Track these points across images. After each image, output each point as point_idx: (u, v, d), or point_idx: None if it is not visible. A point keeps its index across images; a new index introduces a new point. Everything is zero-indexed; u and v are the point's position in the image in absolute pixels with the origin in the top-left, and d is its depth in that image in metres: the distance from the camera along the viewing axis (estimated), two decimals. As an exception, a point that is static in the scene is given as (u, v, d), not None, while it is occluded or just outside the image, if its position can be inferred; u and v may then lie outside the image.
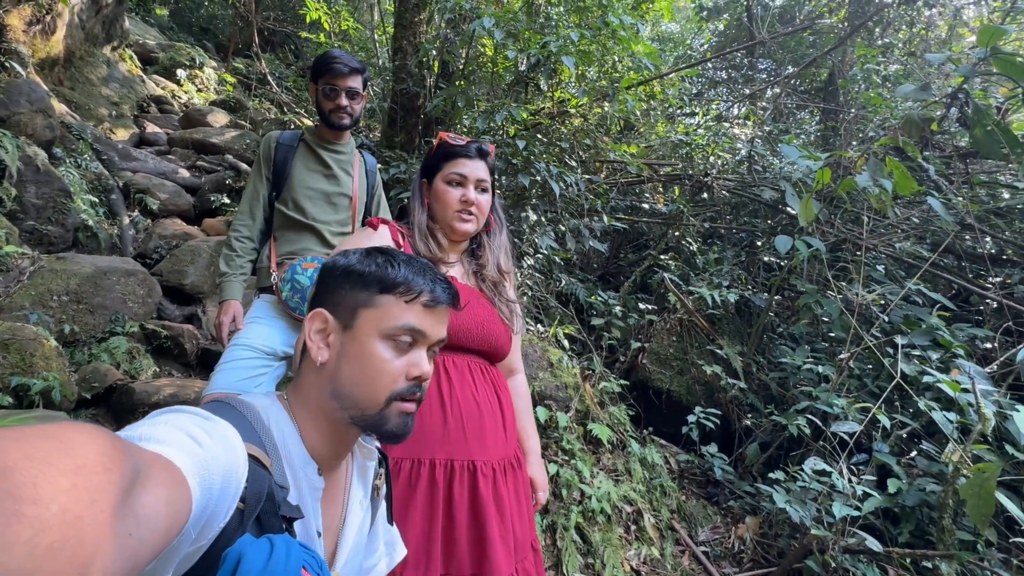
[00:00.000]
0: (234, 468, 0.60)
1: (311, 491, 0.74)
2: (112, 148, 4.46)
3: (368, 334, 0.76)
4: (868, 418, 2.27)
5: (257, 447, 0.67)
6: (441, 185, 1.31)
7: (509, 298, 1.36)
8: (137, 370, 2.64)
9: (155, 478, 0.48)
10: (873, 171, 2.78)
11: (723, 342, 3.42)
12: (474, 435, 1.17)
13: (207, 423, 0.60)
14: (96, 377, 2.42)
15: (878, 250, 3.37)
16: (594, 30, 3.66)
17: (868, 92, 4.25)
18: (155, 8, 9.83)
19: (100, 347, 2.63)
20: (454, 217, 1.29)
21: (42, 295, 2.60)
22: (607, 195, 4.33)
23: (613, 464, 2.76)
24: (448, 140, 1.34)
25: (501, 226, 1.43)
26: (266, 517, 0.64)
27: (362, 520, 0.86)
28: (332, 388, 0.76)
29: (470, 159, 1.31)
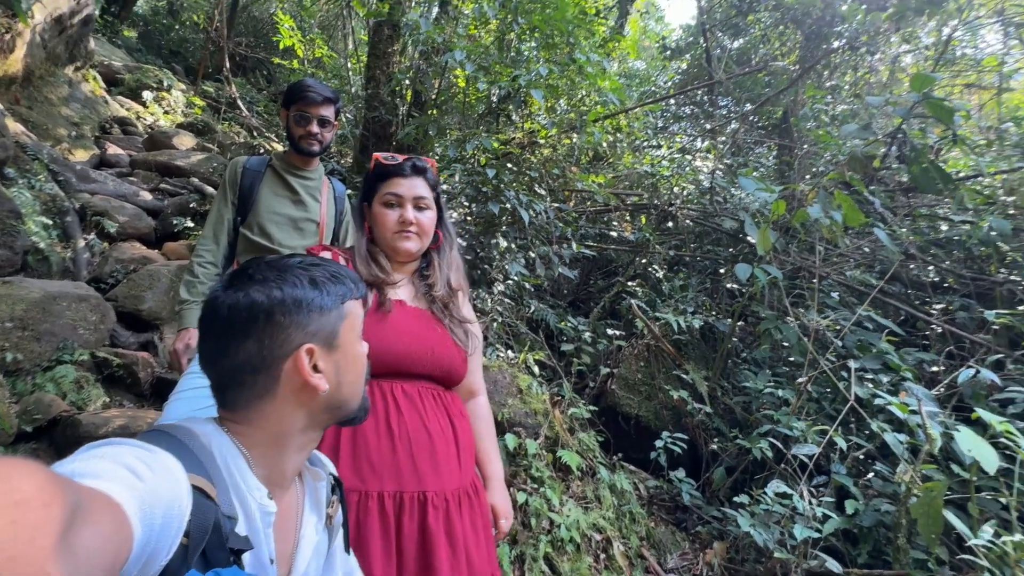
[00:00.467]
0: (176, 501, 0.58)
1: (262, 517, 0.72)
2: (70, 169, 4.32)
3: (352, 341, 0.82)
4: (826, 440, 2.35)
5: (201, 477, 0.64)
6: (378, 207, 1.27)
7: (462, 317, 1.32)
8: (85, 401, 2.51)
9: (94, 514, 0.47)
10: (823, 203, 2.95)
11: (689, 367, 3.49)
12: (425, 465, 1.13)
13: (146, 454, 0.58)
14: (39, 408, 2.28)
15: (831, 278, 3.54)
16: (562, 65, 3.81)
17: (818, 130, 4.53)
18: (123, 30, 9.71)
19: (45, 376, 2.49)
20: (393, 238, 1.26)
21: (-16, 321, 2.46)
22: (576, 223, 4.43)
23: (582, 491, 2.75)
24: (381, 160, 1.30)
25: (451, 242, 1.39)
26: (212, 551, 0.61)
27: (317, 546, 0.83)
28: (330, 403, 0.79)
29: (405, 177, 1.27)
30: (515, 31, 3.86)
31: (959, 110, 2.86)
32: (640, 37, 12.46)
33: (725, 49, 7.17)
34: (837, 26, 5.30)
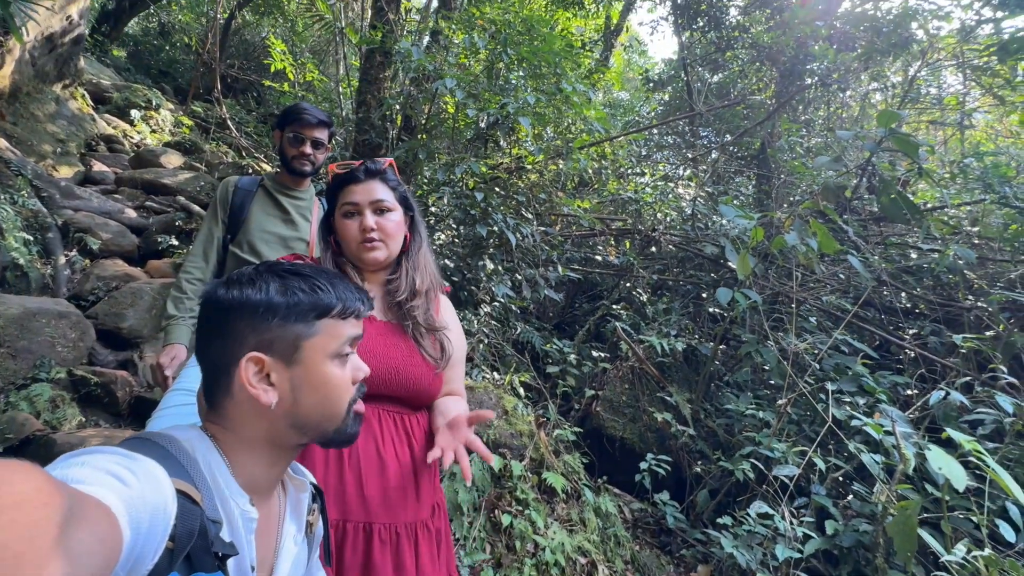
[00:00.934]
0: (162, 505, 0.58)
1: (245, 523, 0.72)
2: (53, 185, 4.29)
3: (319, 362, 0.76)
4: (805, 461, 2.39)
5: (185, 482, 0.64)
6: (339, 218, 1.19)
7: (430, 324, 1.19)
8: (60, 420, 2.45)
9: (89, 517, 0.47)
10: (800, 231, 3.06)
11: (673, 389, 3.54)
12: (374, 495, 1.05)
13: (129, 461, 0.58)
14: (12, 428, 2.22)
15: (808, 303, 3.65)
16: (549, 94, 3.94)
17: (793, 161, 4.72)
18: (112, 49, 9.75)
19: (19, 395, 2.43)
20: (358, 249, 1.17)
21: (-42, 338, 2.41)
22: (562, 247, 4.51)
23: (567, 514, 2.74)
24: (335, 169, 1.23)
25: (419, 243, 1.27)
26: (197, 555, 0.62)
27: (296, 556, 0.83)
28: (292, 422, 0.75)
29: (360, 183, 1.18)
30: (504, 61, 4.00)
31: (924, 145, 3.03)
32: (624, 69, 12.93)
33: (705, 82, 7.48)
34: (810, 64, 5.58)
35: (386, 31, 4.54)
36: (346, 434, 0.80)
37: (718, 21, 6.92)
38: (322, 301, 0.77)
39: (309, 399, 0.75)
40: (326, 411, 0.77)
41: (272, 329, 0.75)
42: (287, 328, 0.75)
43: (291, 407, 0.75)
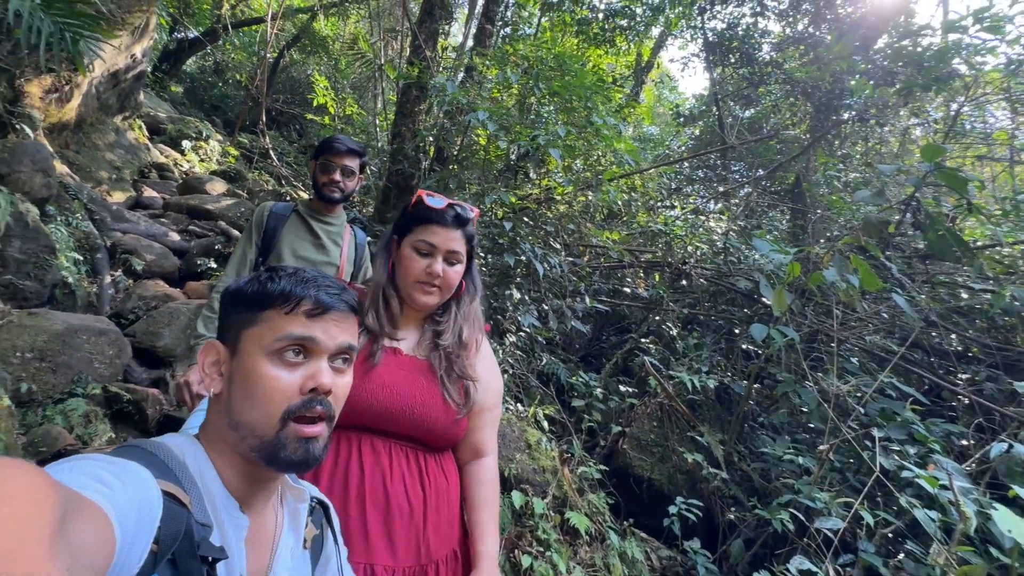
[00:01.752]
0: (147, 507, 0.56)
1: (234, 530, 0.68)
2: (105, 209, 4.53)
3: (251, 353, 0.71)
4: (851, 514, 2.21)
5: (173, 484, 0.62)
6: (407, 250, 1.15)
7: (464, 374, 1.16)
8: (91, 435, 2.49)
9: (84, 513, 0.46)
10: (839, 267, 2.94)
11: (704, 429, 3.38)
12: (377, 535, 1.00)
13: (113, 466, 0.57)
14: (46, 441, 2.27)
15: (850, 342, 3.47)
16: (580, 127, 3.99)
17: (831, 196, 4.60)
18: (171, 85, 10.47)
19: (55, 409, 2.50)
20: (414, 287, 1.14)
21: (5, 351, 2.51)
22: (590, 278, 4.46)
23: (591, 558, 2.60)
24: (424, 200, 1.16)
25: (474, 294, 1.24)
26: (182, 558, 0.59)
27: (294, 568, 0.78)
28: (228, 419, 0.71)
29: (445, 227, 1.14)
30: (536, 95, 4.08)
31: (973, 180, 2.90)
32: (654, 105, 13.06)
33: (737, 117, 7.46)
34: (847, 99, 5.50)
35: (423, 67, 4.72)
36: (282, 455, 0.69)
37: (750, 57, 6.95)
38: (266, 290, 0.73)
39: (237, 392, 0.71)
40: (254, 413, 0.69)
41: (227, 319, 0.75)
42: (235, 317, 0.74)
43: (227, 401, 0.71)
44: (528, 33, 7.92)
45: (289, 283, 0.73)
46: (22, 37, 2.74)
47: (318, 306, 0.73)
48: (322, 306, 0.73)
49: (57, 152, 4.54)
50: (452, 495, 1.13)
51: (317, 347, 0.72)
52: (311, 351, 0.72)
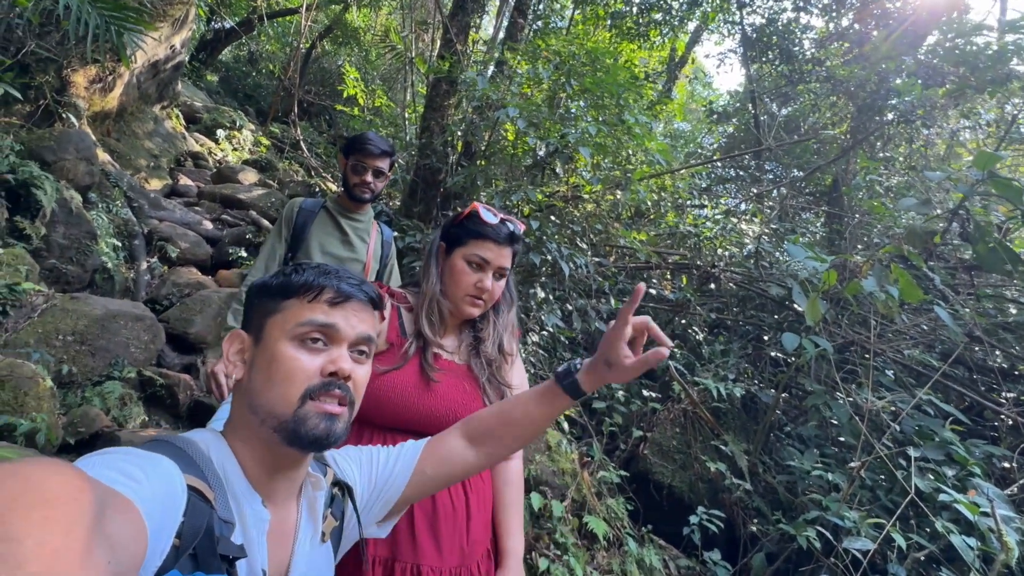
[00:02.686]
0: (172, 502, 0.57)
1: (256, 524, 0.69)
2: (144, 196, 4.67)
3: (275, 339, 0.74)
4: (882, 536, 2.13)
5: (199, 479, 0.64)
6: (460, 263, 1.19)
7: (504, 382, 1.22)
8: (126, 418, 2.58)
9: (119, 508, 0.47)
10: (879, 276, 2.83)
11: (728, 438, 3.30)
12: (424, 537, 1.05)
13: (140, 459, 0.58)
14: (84, 422, 2.36)
15: (886, 355, 3.34)
16: (610, 125, 3.91)
17: (871, 200, 4.41)
18: (207, 75, 10.71)
19: (94, 391, 2.59)
20: (463, 300, 1.18)
21: (48, 333, 2.61)
22: (615, 278, 4.40)
23: (608, 564, 2.58)
24: (481, 215, 1.19)
25: (511, 304, 1.30)
26: (203, 555, 0.60)
27: (314, 557, 0.79)
28: (248, 402, 0.74)
29: (498, 245, 1.18)
30: (567, 91, 4.02)
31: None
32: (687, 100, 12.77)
33: (773, 116, 7.23)
34: (892, 99, 5.26)
35: (453, 61, 4.70)
36: (303, 431, 0.71)
37: (790, 53, 6.71)
38: (291, 281, 0.77)
39: (259, 376, 0.74)
40: (273, 393, 0.72)
41: (252, 310, 0.79)
42: (260, 307, 0.78)
43: (248, 384, 0.75)
44: (560, 26, 7.82)
45: (312, 274, 0.77)
46: (70, 29, 2.83)
47: (339, 295, 0.76)
48: (343, 295, 0.77)
49: (99, 140, 4.69)
50: (487, 496, 1.18)
51: (338, 334, 0.75)
52: (332, 338, 0.75)
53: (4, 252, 2.76)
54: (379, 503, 0.90)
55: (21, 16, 3.57)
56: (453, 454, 0.92)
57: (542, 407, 0.92)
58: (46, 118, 3.95)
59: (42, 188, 3.13)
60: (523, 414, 0.92)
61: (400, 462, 0.91)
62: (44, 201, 3.12)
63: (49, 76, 3.99)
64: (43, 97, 3.93)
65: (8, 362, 2.19)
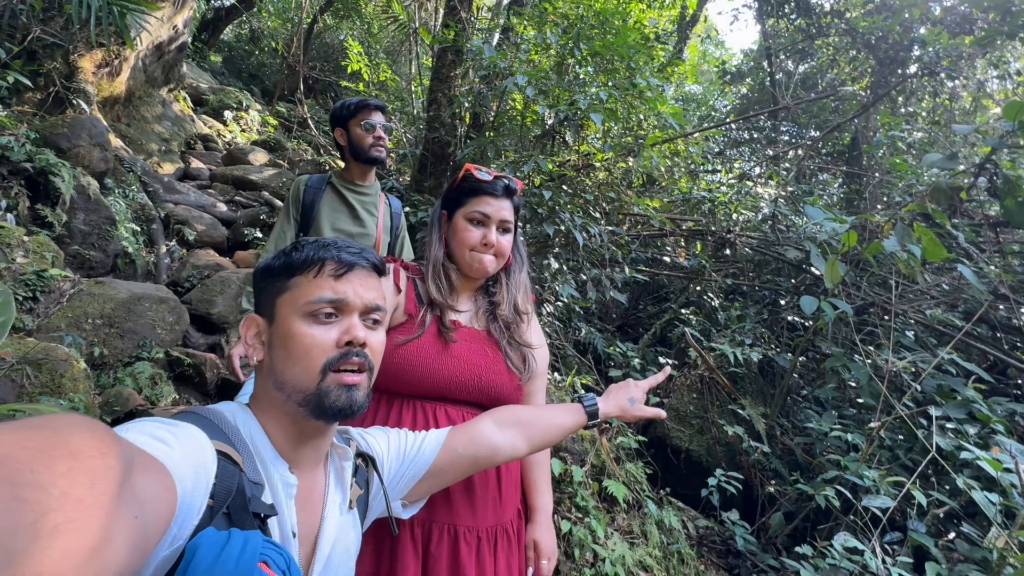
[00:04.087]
0: (203, 464, 0.60)
1: (284, 488, 0.73)
2: (158, 181, 4.71)
3: (287, 316, 0.76)
4: (902, 493, 2.15)
5: (226, 444, 0.67)
6: (462, 222, 1.21)
7: (524, 342, 1.24)
8: (157, 396, 2.67)
9: (148, 467, 0.49)
10: (901, 236, 2.77)
11: (745, 402, 3.32)
12: (459, 498, 1.08)
13: (171, 426, 0.61)
14: (118, 401, 2.45)
15: (907, 316, 3.29)
16: (621, 90, 3.81)
17: (893, 158, 4.28)
18: (210, 55, 10.60)
19: (125, 371, 2.68)
20: (472, 258, 1.20)
21: (78, 317, 2.69)
22: (628, 247, 4.37)
23: (628, 525, 2.64)
24: (474, 174, 1.23)
25: (522, 264, 1.31)
26: (236, 513, 0.63)
27: (343, 524, 0.82)
28: (273, 380, 0.76)
29: (496, 198, 1.21)
30: (576, 56, 3.91)
31: (1061, 140, 2.63)
32: (699, 62, 12.35)
33: (789, 74, 6.97)
34: (915, 51, 5.03)
35: (458, 30, 4.58)
36: (327, 403, 0.74)
37: (807, 6, 6.41)
38: (293, 259, 0.78)
39: (279, 354, 0.76)
40: (295, 369, 0.74)
41: (262, 293, 0.81)
42: (269, 288, 0.80)
43: (270, 364, 0.77)
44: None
45: (311, 249, 0.79)
46: (73, 12, 2.81)
47: (341, 265, 0.78)
48: (345, 265, 0.79)
49: (110, 126, 4.70)
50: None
51: (347, 305, 0.78)
52: (341, 310, 0.78)
53: (29, 240, 2.83)
54: (405, 477, 0.93)
55: (24, 1, 3.55)
56: (483, 435, 0.98)
57: (564, 416, 1.08)
58: (57, 105, 3.97)
59: (60, 175, 3.17)
60: (546, 419, 1.07)
61: (429, 440, 0.96)
62: (63, 188, 3.16)
63: (57, 62, 3.99)
64: (52, 84, 3.94)
65: (43, 346, 2.27)
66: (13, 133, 3.08)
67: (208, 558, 0.52)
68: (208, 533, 0.56)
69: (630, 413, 1.13)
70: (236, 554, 0.53)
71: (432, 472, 0.95)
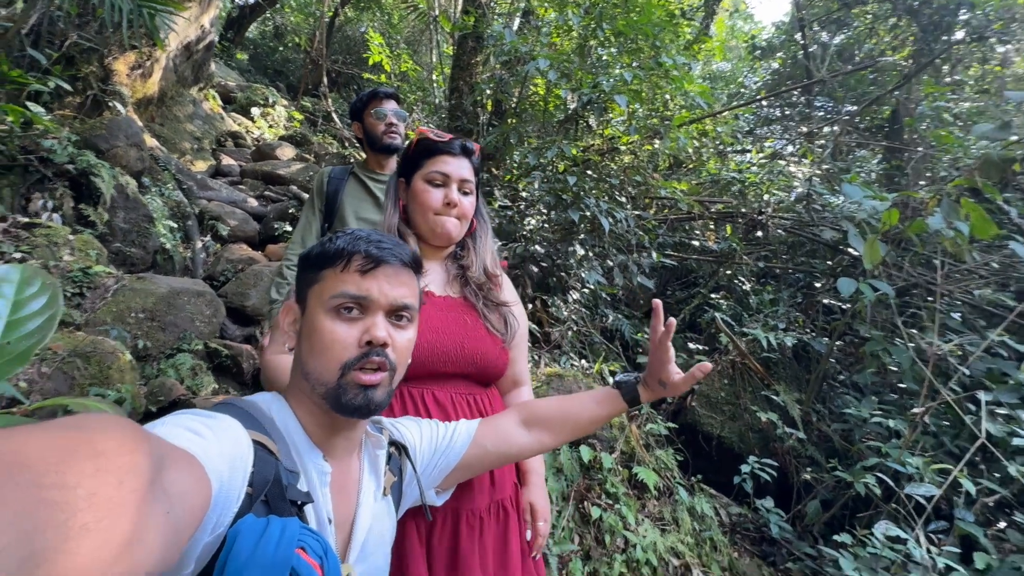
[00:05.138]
0: (239, 454, 0.61)
1: (319, 476, 0.74)
2: (191, 178, 4.85)
3: (315, 308, 0.77)
4: (949, 481, 2.07)
5: (261, 434, 0.68)
6: (420, 184, 1.17)
7: (500, 301, 1.21)
8: (198, 386, 2.78)
9: (178, 461, 0.49)
10: (947, 213, 2.63)
11: (779, 388, 3.24)
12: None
13: (205, 418, 0.62)
14: (162, 391, 2.56)
15: (954, 297, 3.14)
16: (646, 69, 3.71)
17: (937, 131, 4.05)
18: (236, 53, 10.81)
19: (167, 363, 2.79)
20: (435, 221, 1.16)
21: (122, 312, 2.81)
22: (655, 231, 4.28)
23: (659, 512, 2.63)
24: (429, 135, 1.19)
25: (486, 228, 1.29)
26: (274, 501, 0.64)
27: (378, 511, 0.83)
28: (301, 370, 0.78)
29: (454, 156, 1.17)
30: (598, 38, 3.82)
31: None
32: (727, 38, 11.91)
33: (824, 45, 6.65)
34: (962, 14, 4.72)
35: (478, 15, 4.53)
36: (344, 400, 0.74)
37: (843, -26, 6.09)
38: (326, 250, 0.78)
39: (305, 345, 0.77)
40: (317, 363, 0.75)
41: (301, 279, 0.81)
42: (305, 278, 0.80)
43: (299, 353, 0.79)
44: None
45: (344, 241, 0.78)
46: (106, 15, 2.90)
47: (370, 261, 0.76)
48: (373, 261, 0.77)
49: (145, 126, 4.86)
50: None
51: (371, 303, 0.76)
52: (365, 308, 0.76)
53: (75, 238, 2.96)
54: (437, 468, 0.94)
55: (60, 8, 3.68)
56: (510, 433, 0.99)
57: (601, 408, 1.02)
58: (95, 108, 4.12)
59: (100, 176, 3.29)
60: (582, 410, 1.01)
61: (459, 432, 0.97)
62: (103, 188, 3.29)
63: (93, 66, 4.13)
64: (89, 88, 4.08)
65: (91, 339, 2.38)
66: (56, 136, 3.21)
67: (248, 544, 0.53)
68: (248, 520, 0.57)
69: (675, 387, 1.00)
70: (275, 540, 0.54)
71: (462, 464, 0.95)
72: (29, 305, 0.64)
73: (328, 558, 0.58)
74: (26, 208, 3.07)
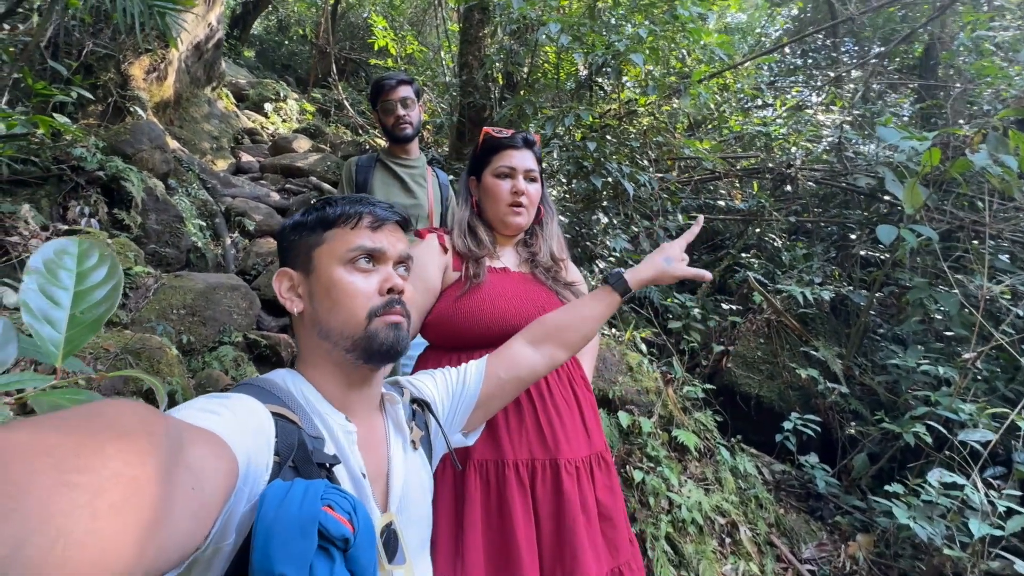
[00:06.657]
0: (259, 427, 0.63)
1: (345, 436, 0.76)
2: (215, 177, 4.94)
3: (327, 266, 0.79)
4: (1005, 425, 2.00)
5: (280, 406, 0.70)
6: (490, 179, 1.29)
7: (567, 281, 1.34)
8: (242, 376, 2.87)
9: (200, 439, 0.51)
10: (993, 147, 2.49)
11: (818, 343, 3.17)
12: (553, 434, 1.15)
13: (220, 399, 0.64)
14: (209, 382, 2.65)
15: (1003, 236, 2.99)
16: (661, 25, 3.57)
17: (978, 62, 3.81)
18: (244, 51, 10.84)
19: (211, 355, 2.89)
20: (507, 211, 1.28)
21: (164, 309, 2.91)
22: (678, 194, 4.18)
23: (702, 473, 2.63)
24: (492, 134, 1.32)
25: (552, 215, 1.41)
26: (302, 466, 0.66)
27: (410, 463, 0.86)
28: (318, 330, 0.79)
29: (517, 150, 1.29)
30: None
31: None
32: (741, -14, 11.33)
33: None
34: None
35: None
36: (375, 344, 0.77)
37: (867, -97, 5.69)
38: (327, 213, 0.81)
39: (323, 304, 0.78)
40: (341, 315, 0.77)
41: (294, 247, 0.83)
42: (303, 242, 0.82)
43: (313, 315, 0.79)
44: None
45: (346, 204, 0.82)
46: (119, 20, 2.93)
47: (377, 219, 0.82)
48: (380, 219, 0.82)
49: (165, 129, 4.95)
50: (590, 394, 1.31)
51: (384, 255, 0.81)
52: (378, 259, 0.81)
53: (113, 242, 3.05)
54: (459, 413, 0.99)
55: (75, 17, 3.73)
56: (520, 357, 1.02)
57: (593, 304, 1.06)
58: (116, 114, 4.20)
59: (129, 180, 3.37)
60: (576, 314, 1.06)
61: (470, 372, 1.01)
62: (134, 192, 3.38)
63: (111, 73, 4.20)
64: (109, 95, 4.16)
65: (139, 336, 2.47)
66: (84, 144, 3.29)
67: (272, 505, 0.55)
68: (274, 485, 0.58)
69: (668, 273, 1.08)
70: (299, 498, 0.55)
71: (481, 402, 0.99)
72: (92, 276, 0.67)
73: (358, 514, 0.59)
74: (64, 216, 3.18)
